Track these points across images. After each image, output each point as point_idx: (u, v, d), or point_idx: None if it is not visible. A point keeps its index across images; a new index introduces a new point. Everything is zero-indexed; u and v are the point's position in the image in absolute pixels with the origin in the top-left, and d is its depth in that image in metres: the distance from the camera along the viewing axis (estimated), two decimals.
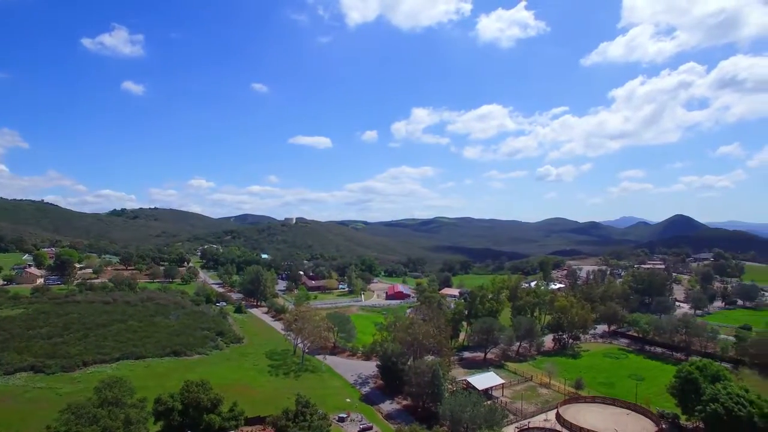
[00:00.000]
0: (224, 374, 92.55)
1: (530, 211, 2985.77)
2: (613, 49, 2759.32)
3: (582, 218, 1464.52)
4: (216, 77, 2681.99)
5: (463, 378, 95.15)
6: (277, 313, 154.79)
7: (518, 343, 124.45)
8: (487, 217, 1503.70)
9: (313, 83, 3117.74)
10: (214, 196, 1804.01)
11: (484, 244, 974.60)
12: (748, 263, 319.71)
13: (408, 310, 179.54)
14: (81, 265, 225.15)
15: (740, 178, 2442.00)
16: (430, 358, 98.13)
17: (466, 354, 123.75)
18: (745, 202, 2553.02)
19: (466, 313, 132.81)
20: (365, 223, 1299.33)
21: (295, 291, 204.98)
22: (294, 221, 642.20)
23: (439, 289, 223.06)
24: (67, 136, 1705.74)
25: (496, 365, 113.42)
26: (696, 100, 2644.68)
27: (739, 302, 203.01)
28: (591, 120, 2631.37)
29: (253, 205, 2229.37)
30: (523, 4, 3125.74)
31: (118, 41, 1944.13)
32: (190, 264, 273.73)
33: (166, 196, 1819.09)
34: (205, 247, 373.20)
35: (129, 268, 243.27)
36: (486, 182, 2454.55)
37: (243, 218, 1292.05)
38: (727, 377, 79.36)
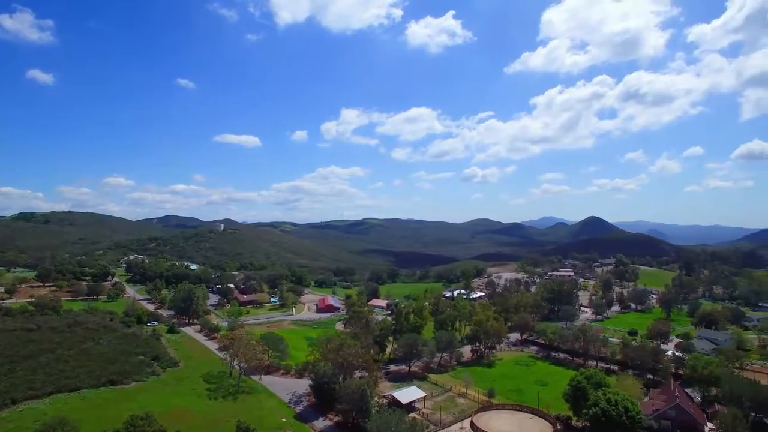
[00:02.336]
0: (164, 401, 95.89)
1: (457, 211, 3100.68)
2: (534, 60, 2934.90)
3: (506, 218, 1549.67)
4: (137, 70, 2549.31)
5: (389, 392, 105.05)
6: (211, 331, 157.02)
7: (440, 355, 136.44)
8: (416, 218, 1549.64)
9: (242, 81, 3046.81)
10: (133, 194, 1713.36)
11: (412, 246, 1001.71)
12: (642, 268, 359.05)
13: (338, 324, 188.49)
14: None
15: (644, 182, 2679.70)
16: (359, 374, 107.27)
17: (393, 367, 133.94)
18: (649, 203, 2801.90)
19: (393, 329, 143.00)
20: (293, 224, 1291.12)
21: (227, 306, 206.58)
22: (222, 228, 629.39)
23: (368, 300, 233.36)
24: None
25: (420, 377, 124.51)
26: (607, 109, 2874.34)
27: (633, 306, 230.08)
28: (515, 125, 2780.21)
29: (176, 205, 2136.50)
30: (451, 13, 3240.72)
31: (23, 25, 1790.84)
32: (116, 279, 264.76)
33: (79, 194, 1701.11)
34: (131, 257, 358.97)
35: (47, 284, 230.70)
36: (414, 183, 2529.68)
37: (167, 220, 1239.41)
38: (607, 384, 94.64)
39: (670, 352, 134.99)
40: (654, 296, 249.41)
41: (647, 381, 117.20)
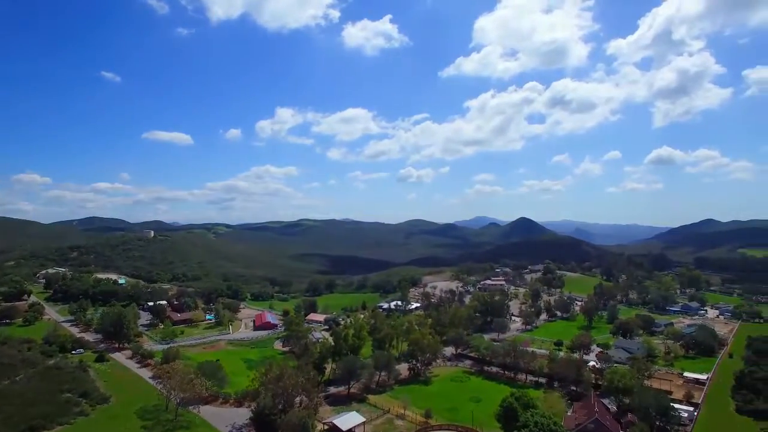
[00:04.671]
0: None
1: (392, 211, 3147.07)
2: (468, 65, 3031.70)
3: (440, 218, 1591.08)
4: (56, 59, 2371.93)
5: (330, 419, 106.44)
6: (144, 358, 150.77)
7: (378, 375, 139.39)
8: (351, 218, 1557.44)
9: (173, 76, 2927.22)
10: (49, 193, 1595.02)
11: (349, 248, 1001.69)
12: (568, 274, 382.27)
13: (276, 342, 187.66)
14: None
15: (570, 183, 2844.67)
16: (299, 398, 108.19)
17: (332, 389, 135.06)
18: (574, 203, 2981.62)
19: (332, 350, 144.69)
20: (228, 226, 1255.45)
21: (161, 326, 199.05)
22: (152, 234, 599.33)
23: (305, 315, 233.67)
24: None
25: (359, 399, 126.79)
26: (536, 114, 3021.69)
27: (559, 314, 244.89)
28: (449, 127, 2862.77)
29: (99, 204, 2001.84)
30: (388, 17, 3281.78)
31: None
32: (33, 297, 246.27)
33: None
34: (50, 271, 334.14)
35: None
36: (350, 183, 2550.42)
37: (89, 222, 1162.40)
38: (535, 405, 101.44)
39: (591, 363, 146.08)
40: (579, 303, 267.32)
41: (571, 393, 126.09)
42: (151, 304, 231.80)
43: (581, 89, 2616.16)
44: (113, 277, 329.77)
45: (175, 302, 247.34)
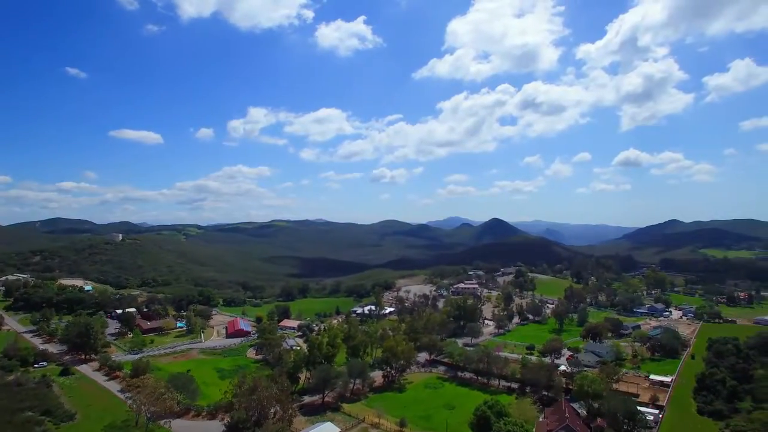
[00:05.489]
0: None
1: (366, 212, 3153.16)
2: (441, 67, 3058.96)
3: (413, 219, 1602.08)
4: (17, 53, 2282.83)
5: (305, 431, 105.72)
6: (112, 370, 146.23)
7: (353, 383, 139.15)
8: (325, 218, 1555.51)
9: (143, 74, 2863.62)
10: (9, 192, 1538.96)
11: (322, 250, 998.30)
12: (539, 276, 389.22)
13: (249, 350, 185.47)
14: None
15: (541, 184, 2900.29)
16: (273, 409, 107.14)
17: (306, 398, 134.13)
18: (545, 203, 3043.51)
19: (306, 360, 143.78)
20: (198, 227, 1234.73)
21: (129, 335, 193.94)
22: (120, 238, 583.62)
23: (279, 321, 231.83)
24: None
25: (333, 408, 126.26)
26: (508, 116, 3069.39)
27: (531, 317, 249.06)
28: (422, 128, 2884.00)
29: (63, 204, 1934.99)
30: (362, 18, 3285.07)
31: None
32: None
33: None
34: (10, 278, 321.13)
35: None
36: (323, 183, 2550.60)
37: (53, 223, 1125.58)
38: (507, 413, 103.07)
39: (562, 367, 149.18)
40: (550, 305, 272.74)
41: (543, 398, 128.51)
42: (119, 311, 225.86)
43: (552, 92, 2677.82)
44: (79, 283, 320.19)
45: (145, 309, 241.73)
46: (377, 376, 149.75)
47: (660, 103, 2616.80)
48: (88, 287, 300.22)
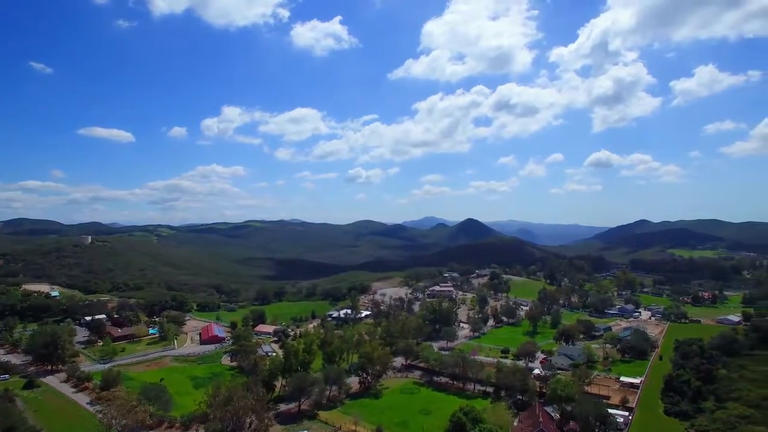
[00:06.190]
0: None
1: (341, 212, 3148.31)
2: (417, 67, 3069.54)
3: (389, 219, 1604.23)
4: None
5: None
6: (80, 381, 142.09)
7: (329, 389, 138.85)
8: (300, 218, 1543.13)
9: (113, 71, 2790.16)
10: None
11: (297, 251, 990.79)
12: (514, 278, 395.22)
13: (224, 357, 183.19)
14: None
15: (515, 184, 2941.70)
16: (249, 419, 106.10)
17: (282, 406, 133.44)
18: (519, 204, 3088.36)
19: (282, 367, 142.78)
20: (171, 227, 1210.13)
21: (99, 343, 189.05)
22: (90, 240, 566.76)
23: (254, 326, 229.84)
24: None
25: (310, 416, 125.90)
26: (482, 117, 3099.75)
27: (505, 319, 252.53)
28: (398, 128, 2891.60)
29: (27, 204, 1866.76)
30: (338, 18, 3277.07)
31: None
32: None
33: None
34: None
35: None
36: (298, 183, 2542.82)
37: (16, 223, 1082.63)
38: (483, 420, 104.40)
39: (536, 371, 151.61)
40: (524, 307, 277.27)
41: (518, 402, 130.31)
42: (88, 318, 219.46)
43: (526, 94, 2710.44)
44: (45, 288, 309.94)
45: (116, 316, 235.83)
46: (354, 382, 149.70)
47: (630, 106, 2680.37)
48: (54, 293, 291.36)
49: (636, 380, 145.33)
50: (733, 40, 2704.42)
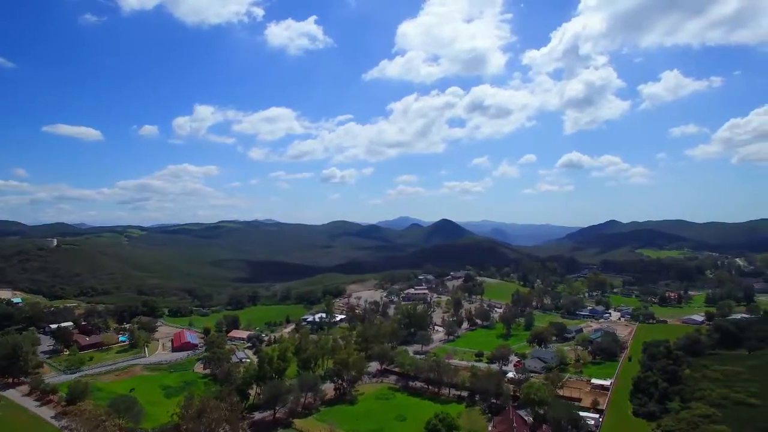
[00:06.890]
0: None
1: (315, 212, 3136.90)
2: (392, 68, 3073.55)
3: (363, 219, 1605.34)
4: None
5: None
6: (44, 394, 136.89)
7: (304, 396, 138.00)
8: (275, 219, 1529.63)
9: (80, 67, 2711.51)
10: None
11: (271, 252, 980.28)
12: (488, 280, 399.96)
13: (197, 364, 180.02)
14: None
15: (489, 185, 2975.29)
16: (222, 429, 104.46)
17: (257, 415, 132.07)
18: (493, 204, 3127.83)
19: (256, 375, 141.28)
20: (141, 228, 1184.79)
21: (65, 352, 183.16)
22: (55, 243, 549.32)
23: (227, 332, 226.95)
24: None
25: (285, 424, 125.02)
26: (457, 118, 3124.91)
27: (479, 322, 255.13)
28: (372, 128, 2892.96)
29: None
30: (313, 18, 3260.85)
31: None
32: None
33: None
34: None
35: None
36: (272, 182, 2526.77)
37: None
38: (457, 426, 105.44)
39: (510, 374, 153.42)
40: (498, 310, 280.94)
41: (492, 406, 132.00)
42: (54, 326, 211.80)
43: (499, 96, 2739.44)
44: (6, 295, 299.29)
45: (83, 323, 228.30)
46: (329, 388, 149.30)
47: (600, 108, 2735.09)
48: (16, 299, 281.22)
49: (606, 382, 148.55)
50: (696, 48, 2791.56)
